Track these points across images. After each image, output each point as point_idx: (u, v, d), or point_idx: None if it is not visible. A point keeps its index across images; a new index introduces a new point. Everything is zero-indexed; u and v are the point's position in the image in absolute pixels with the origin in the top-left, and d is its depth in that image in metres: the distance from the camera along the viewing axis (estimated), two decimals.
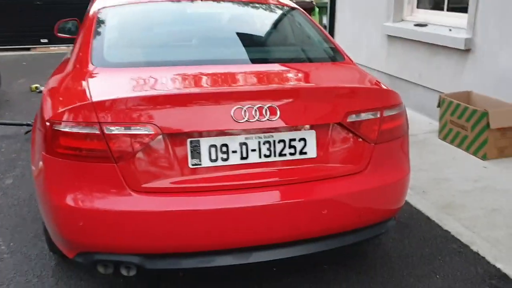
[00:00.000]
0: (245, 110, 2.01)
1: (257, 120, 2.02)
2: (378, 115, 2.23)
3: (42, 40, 10.20)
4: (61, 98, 2.18)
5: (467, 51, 4.66)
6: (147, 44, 2.66)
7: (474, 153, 4.20)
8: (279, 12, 3.20)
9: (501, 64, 4.31)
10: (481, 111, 4.07)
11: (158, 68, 2.32)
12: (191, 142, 2.01)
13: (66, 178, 2.00)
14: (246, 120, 2.01)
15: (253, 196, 2.05)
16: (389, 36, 5.89)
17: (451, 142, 4.47)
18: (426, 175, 3.86)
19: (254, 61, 2.60)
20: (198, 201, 2.01)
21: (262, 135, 2.07)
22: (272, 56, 2.75)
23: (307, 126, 2.13)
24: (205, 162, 2.03)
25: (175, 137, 1.99)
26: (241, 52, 2.68)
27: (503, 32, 4.26)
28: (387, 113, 2.27)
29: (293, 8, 3.18)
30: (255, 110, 2.02)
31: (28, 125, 4.90)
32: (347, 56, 2.78)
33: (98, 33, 2.58)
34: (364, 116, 2.20)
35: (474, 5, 4.54)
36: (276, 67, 2.56)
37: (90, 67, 2.33)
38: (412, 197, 3.48)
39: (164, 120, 1.97)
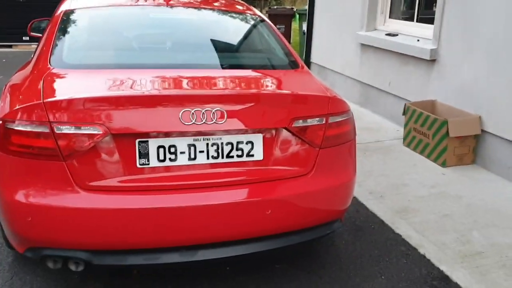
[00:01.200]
0: (193, 113, 2.10)
1: (204, 123, 2.11)
2: (324, 121, 2.34)
3: (24, 38, 10.19)
4: (16, 97, 2.25)
5: (432, 61, 4.80)
6: (105, 47, 2.73)
7: (435, 160, 4.34)
8: (240, 19, 3.29)
9: (462, 75, 4.45)
10: (441, 120, 4.21)
11: (113, 71, 2.39)
12: (139, 142, 2.10)
13: (17, 174, 2.07)
14: (193, 123, 2.10)
15: (200, 196, 2.14)
16: (362, 44, 6.03)
17: (414, 149, 4.60)
18: (386, 180, 3.98)
19: (207, 66, 2.69)
20: (145, 200, 2.09)
21: (210, 137, 2.17)
22: (227, 62, 2.84)
23: (254, 130, 2.22)
24: (153, 162, 2.12)
25: (124, 137, 2.08)
26: (196, 57, 2.76)
27: (465, 44, 4.41)
28: (332, 119, 2.37)
29: (255, 16, 3.28)
30: (203, 113, 2.11)
31: None
32: (302, 64, 2.88)
33: (60, 35, 2.65)
34: (309, 121, 2.30)
35: (439, 16, 4.68)
36: (229, 73, 2.65)
37: (48, 67, 2.40)
38: (370, 201, 3.60)
39: (113, 120, 2.05)
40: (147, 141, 2.11)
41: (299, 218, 2.33)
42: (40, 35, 4.16)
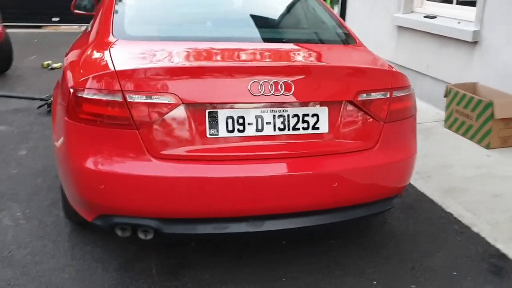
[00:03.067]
0: (261, 84, 2.10)
1: (272, 94, 2.11)
2: (388, 96, 2.32)
3: (53, 19, 10.32)
4: (84, 67, 2.27)
5: (474, 43, 4.73)
6: (166, 21, 2.75)
7: (478, 142, 4.29)
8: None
9: (506, 57, 4.38)
10: (486, 102, 4.15)
11: (177, 43, 2.40)
12: (209, 113, 2.10)
13: (89, 142, 2.09)
14: (262, 94, 2.10)
15: (267, 167, 2.14)
16: (399, 27, 5.96)
17: (457, 131, 4.55)
18: (431, 161, 3.95)
19: (270, 40, 2.70)
20: (215, 169, 2.10)
21: (277, 109, 2.16)
22: (288, 37, 2.84)
23: (320, 103, 2.21)
24: (222, 132, 2.12)
25: (195, 107, 2.09)
26: (258, 31, 2.77)
27: (509, 26, 4.33)
28: (396, 94, 2.35)
29: None
30: (271, 84, 2.11)
31: (41, 99, 4.99)
32: (358, 39, 2.86)
33: (119, 9, 2.66)
34: (374, 95, 2.29)
35: (482, 0, 4.60)
36: (291, 47, 2.65)
37: (111, 38, 2.42)
38: (417, 181, 3.57)
39: (185, 91, 2.06)
40: (217, 111, 2.11)
41: (363, 192, 2.33)
42: (84, 12, 4.20)
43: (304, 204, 2.21)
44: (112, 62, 2.15)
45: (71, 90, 2.12)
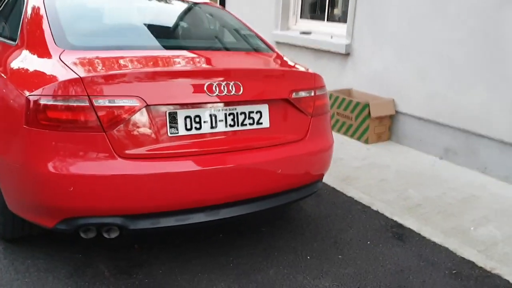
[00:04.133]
0: (215, 86, 2.37)
1: (225, 94, 2.39)
2: (313, 94, 2.74)
3: None
4: (38, 76, 2.30)
5: (347, 55, 5.47)
6: (103, 31, 2.85)
7: (358, 139, 4.99)
8: (214, 10, 3.59)
9: (374, 65, 5.17)
10: (363, 103, 4.86)
11: (124, 51, 2.55)
12: (169, 113, 2.31)
13: (54, 147, 2.14)
14: (216, 94, 2.37)
15: (221, 160, 2.40)
16: (277, 42, 6.56)
17: (339, 131, 5.22)
18: None
19: (210, 48, 3.00)
20: (176, 165, 2.29)
21: (227, 107, 2.44)
22: (225, 46, 3.18)
23: (262, 101, 2.55)
24: (182, 131, 2.34)
25: (157, 108, 2.27)
26: (198, 41, 3.05)
27: (375, 39, 5.13)
28: (318, 92, 2.79)
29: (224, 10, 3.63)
30: (224, 86, 2.39)
31: None
32: (274, 48, 3.27)
33: (51, 19, 2.70)
34: (303, 93, 2.69)
35: (352, 16, 5.37)
36: (230, 54, 2.97)
37: (56, 48, 2.47)
38: None
39: (147, 93, 2.23)
40: (176, 112, 2.32)
41: (299, 177, 2.70)
42: None
43: (254, 191, 2.50)
44: (71, 69, 2.23)
45: (31, 98, 2.16)
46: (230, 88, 2.41)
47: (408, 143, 4.91)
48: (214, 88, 2.36)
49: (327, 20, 6.13)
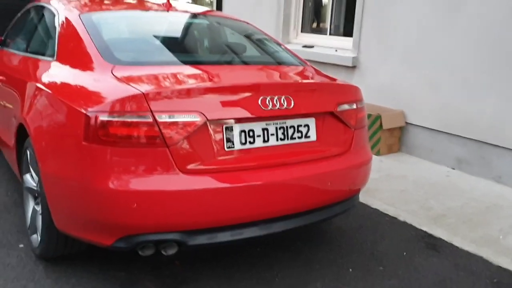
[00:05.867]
0: (268, 100, 2.39)
1: (278, 108, 2.41)
2: (355, 106, 2.78)
3: None
4: (93, 91, 2.29)
5: (353, 67, 5.57)
6: (148, 45, 2.84)
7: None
8: (250, 28, 3.65)
9: (381, 77, 5.27)
10: (375, 115, 4.94)
11: (175, 67, 2.55)
12: (226, 128, 2.31)
13: (115, 163, 2.12)
14: (270, 108, 2.39)
15: (274, 173, 2.40)
16: None
17: None
18: None
19: (255, 63, 3.03)
20: (233, 179, 2.29)
21: (278, 121, 2.46)
22: (267, 60, 3.23)
23: (309, 114, 2.57)
24: (237, 145, 2.34)
25: (216, 123, 2.28)
26: (243, 56, 3.09)
27: (382, 52, 5.24)
28: (359, 105, 2.83)
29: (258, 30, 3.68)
30: (276, 100, 2.41)
31: None
32: (307, 62, 3.32)
33: (93, 35, 2.69)
34: (347, 106, 2.73)
35: (358, 29, 5.47)
36: (274, 68, 3.01)
37: (105, 64, 2.46)
38: None
39: (207, 108, 2.23)
40: (232, 126, 2.33)
41: (343, 190, 2.72)
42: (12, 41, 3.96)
43: (304, 205, 2.52)
44: (130, 85, 2.23)
45: (91, 114, 2.14)
46: (282, 102, 2.43)
47: (419, 153, 5.00)
48: (267, 102, 2.38)
49: (330, 34, 6.22)
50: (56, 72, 2.67)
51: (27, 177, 2.88)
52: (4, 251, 2.84)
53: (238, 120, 2.35)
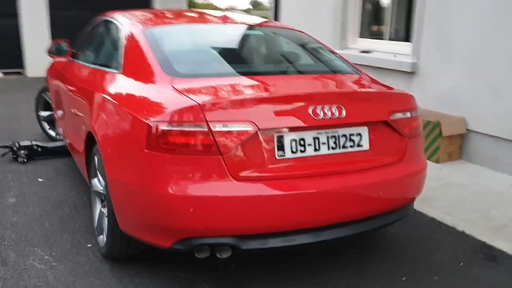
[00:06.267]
0: (320, 109, 2.45)
1: (329, 118, 2.47)
2: (409, 115, 2.79)
3: None
4: (155, 102, 2.46)
5: (412, 73, 5.49)
6: (207, 58, 3.01)
7: (429, 158, 4.96)
8: (305, 37, 3.72)
9: (442, 83, 5.16)
10: (434, 122, 4.84)
11: (230, 78, 2.68)
12: (277, 137, 2.40)
13: (174, 170, 2.27)
14: (321, 118, 2.45)
15: (325, 182, 2.47)
16: None
17: None
18: None
19: (309, 72, 3.12)
20: (284, 187, 2.38)
21: (329, 130, 2.52)
22: (319, 69, 3.30)
23: (362, 123, 2.61)
24: (288, 153, 2.43)
25: (267, 132, 2.38)
26: (291, 65, 3.16)
27: (443, 57, 5.13)
28: (413, 113, 2.83)
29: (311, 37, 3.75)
30: (327, 109, 2.47)
31: (6, 146, 4.84)
32: (361, 70, 3.35)
33: (154, 49, 2.87)
34: (400, 115, 2.74)
35: (418, 35, 5.40)
36: (326, 77, 3.07)
37: (166, 76, 2.63)
38: None
39: (259, 118, 2.34)
40: (283, 135, 2.42)
41: (397, 199, 2.74)
42: (59, 55, 4.28)
43: (355, 213, 2.56)
44: (187, 96, 2.38)
45: (153, 124, 2.30)
46: (333, 111, 2.48)
47: (481, 162, 4.85)
48: (318, 111, 2.44)
49: (388, 39, 6.16)
50: (122, 84, 2.87)
51: (95, 181, 3.10)
52: (75, 251, 3.07)
53: (289, 129, 2.43)
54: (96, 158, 3.00)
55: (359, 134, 2.61)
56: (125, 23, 3.35)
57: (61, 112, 4.41)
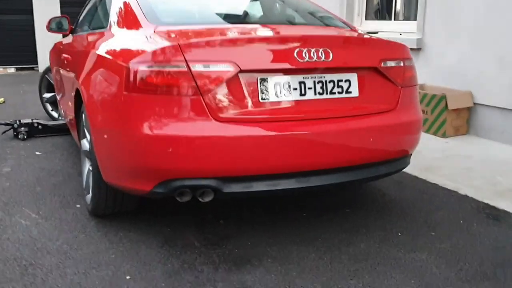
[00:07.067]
0: (305, 52, 2.35)
1: (315, 60, 2.37)
2: (402, 64, 2.67)
3: None
4: (136, 46, 2.39)
5: (418, 49, 5.35)
6: (194, 11, 2.95)
7: (435, 133, 4.81)
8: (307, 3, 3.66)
9: (448, 58, 5.02)
10: (439, 95, 4.70)
11: (216, 26, 2.61)
12: (260, 79, 2.31)
13: (153, 111, 2.20)
14: (307, 61, 2.36)
15: (311, 126, 2.37)
16: None
17: None
18: None
19: (296, 23, 3.09)
20: (267, 129, 2.29)
21: (316, 75, 2.42)
22: (309, 22, 3.27)
23: (351, 69, 2.51)
24: (272, 97, 2.33)
25: (249, 74, 2.29)
26: (290, 17, 3.17)
27: (448, 32, 5.00)
28: (407, 63, 2.71)
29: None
30: (313, 52, 2.37)
31: (6, 124, 4.84)
32: (357, 28, 3.25)
33: (145, 4, 2.82)
34: (393, 63, 2.63)
35: (422, 12, 5.28)
36: (315, 27, 3.03)
37: (149, 24, 2.57)
38: None
39: (240, 59, 2.26)
40: (267, 78, 2.33)
41: (390, 148, 2.62)
42: (58, 32, 4.26)
43: (343, 160, 2.44)
44: (168, 38, 2.30)
45: (131, 66, 2.24)
46: (320, 54, 2.38)
47: (489, 136, 4.68)
48: (304, 54, 2.35)
49: (394, 19, 6.05)
50: (107, 38, 2.83)
51: (84, 141, 3.05)
52: (62, 210, 3.02)
53: (273, 72, 2.34)
54: (83, 116, 2.95)
55: (348, 81, 2.50)
56: None
57: (60, 90, 4.39)
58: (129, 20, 2.73)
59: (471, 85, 4.79)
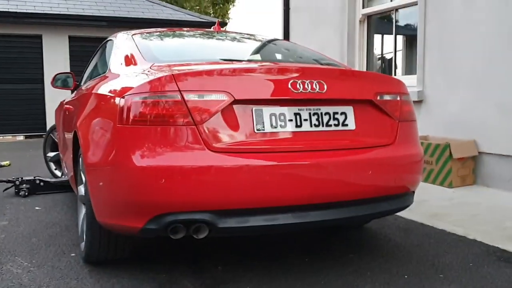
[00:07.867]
0: (299, 83, 2.36)
1: (309, 91, 2.37)
2: (398, 98, 2.67)
3: None
4: (133, 79, 2.41)
5: (419, 101, 5.38)
6: (190, 50, 3.01)
7: (441, 184, 4.72)
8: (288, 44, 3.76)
9: (449, 109, 5.03)
10: (443, 144, 4.66)
11: (212, 63, 2.63)
12: (255, 110, 2.30)
13: (146, 141, 2.17)
14: (301, 91, 2.35)
15: (307, 158, 2.32)
16: None
17: None
18: None
19: (298, 62, 3.15)
20: (262, 160, 2.25)
21: (311, 107, 2.41)
22: (309, 61, 3.26)
23: (346, 101, 2.49)
24: (267, 128, 2.31)
25: (244, 104, 2.28)
26: (285, 57, 3.26)
27: (448, 83, 5.04)
28: (404, 98, 2.71)
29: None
30: (307, 83, 2.38)
31: (8, 181, 4.83)
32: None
33: (143, 46, 2.89)
34: (388, 97, 2.62)
35: (421, 64, 5.37)
36: (313, 64, 3.05)
37: (146, 62, 2.62)
38: (401, 213, 3.83)
39: (235, 89, 2.26)
40: (262, 109, 2.32)
41: (387, 183, 2.54)
42: (63, 87, 4.35)
43: (340, 193, 2.37)
44: (163, 71, 2.34)
45: (126, 98, 2.25)
46: (314, 86, 2.38)
47: (497, 185, 4.58)
48: (298, 85, 2.35)
49: (395, 75, 6.14)
50: (105, 79, 2.87)
51: (80, 187, 3.01)
52: (56, 258, 2.92)
53: (267, 102, 2.34)
54: (80, 160, 2.93)
55: (344, 113, 2.49)
56: (117, 35, 3.42)
57: (63, 147, 4.41)
58: (127, 60, 2.79)
59: (475, 134, 4.76)
